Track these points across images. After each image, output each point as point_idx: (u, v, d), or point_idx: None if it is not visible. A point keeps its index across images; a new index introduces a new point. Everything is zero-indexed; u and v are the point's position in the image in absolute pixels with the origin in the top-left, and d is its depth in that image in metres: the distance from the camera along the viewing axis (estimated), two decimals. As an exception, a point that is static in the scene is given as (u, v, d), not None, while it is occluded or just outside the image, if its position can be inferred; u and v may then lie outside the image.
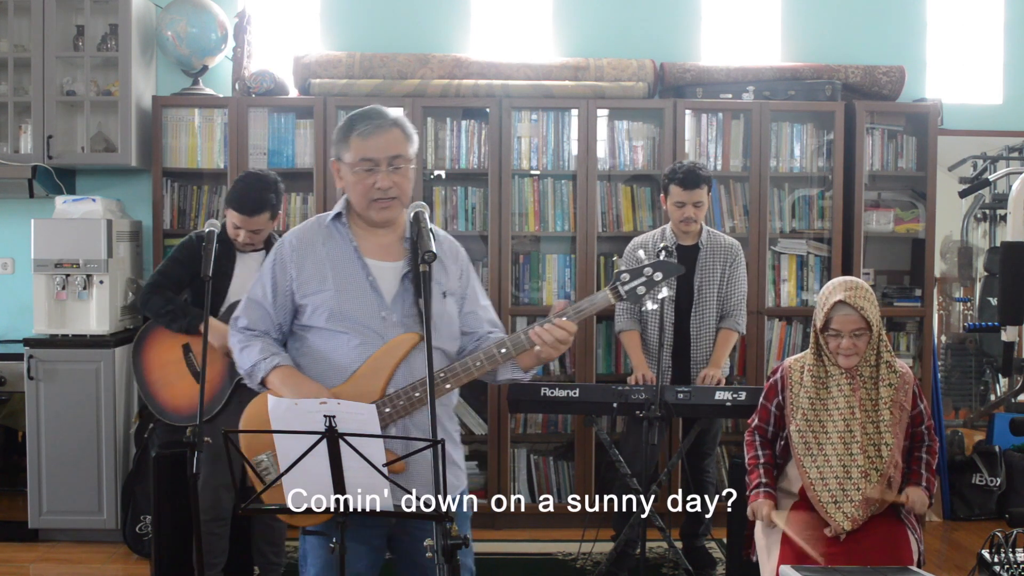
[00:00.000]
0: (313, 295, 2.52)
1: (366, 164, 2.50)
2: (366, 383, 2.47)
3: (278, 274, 2.56)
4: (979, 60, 5.69)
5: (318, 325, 2.51)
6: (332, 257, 2.54)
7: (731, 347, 4.37)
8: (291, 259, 2.56)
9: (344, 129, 2.55)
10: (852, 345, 3.25)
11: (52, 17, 5.01)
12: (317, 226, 2.60)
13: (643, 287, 2.54)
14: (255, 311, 2.59)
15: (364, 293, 2.51)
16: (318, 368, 2.51)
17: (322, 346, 2.52)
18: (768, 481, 3.39)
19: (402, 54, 5.17)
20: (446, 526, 2.17)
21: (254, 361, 2.53)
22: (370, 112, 2.55)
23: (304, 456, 2.21)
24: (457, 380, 2.52)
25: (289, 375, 2.50)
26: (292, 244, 2.58)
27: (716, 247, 4.36)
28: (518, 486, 5.19)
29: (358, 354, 2.49)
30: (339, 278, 2.52)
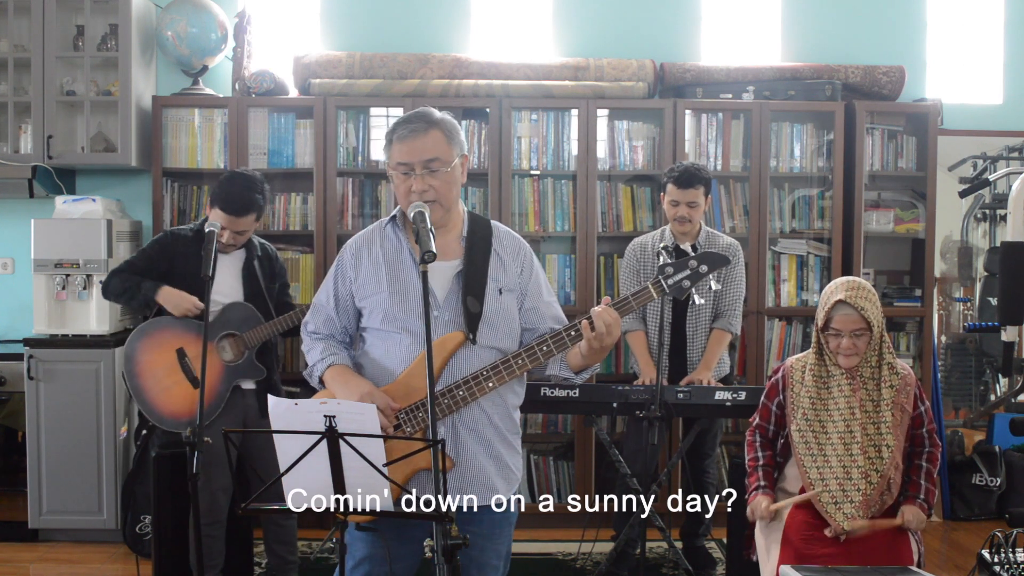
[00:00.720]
0: (369, 297, 2.59)
1: (403, 168, 2.54)
2: (414, 382, 2.52)
3: (339, 279, 2.65)
4: (979, 60, 5.69)
5: (374, 326, 2.59)
6: (387, 259, 2.61)
7: (723, 348, 4.37)
8: (350, 264, 2.64)
9: (389, 132, 2.60)
10: (852, 345, 3.25)
11: (52, 17, 5.01)
12: (376, 229, 2.67)
13: (688, 280, 2.52)
14: (319, 316, 2.68)
15: (416, 294, 2.55)
16: (374, 368, 2.59)
17: (378, 347, 2.59)
18: (767, 484, 3.39)
19: (402, 54, 5.17)
20: (446, 526, 2.17)
21: (314, 361, 2.64)
22: (412, 115, 2.58)
23: (304, 456, 2.21)
24: (500, 378, 2.53)
25: (340, 373, 2.58)
26: (352, 250, 2.65)
27: (714, 247, 4.36)
28: (518, 486, 5.18)
29: (408, 354, 2.54)
30: (393, 280, 2.58)
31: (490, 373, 2.53)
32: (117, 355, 4.86)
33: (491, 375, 2.53)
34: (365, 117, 5.17)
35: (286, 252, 5.13)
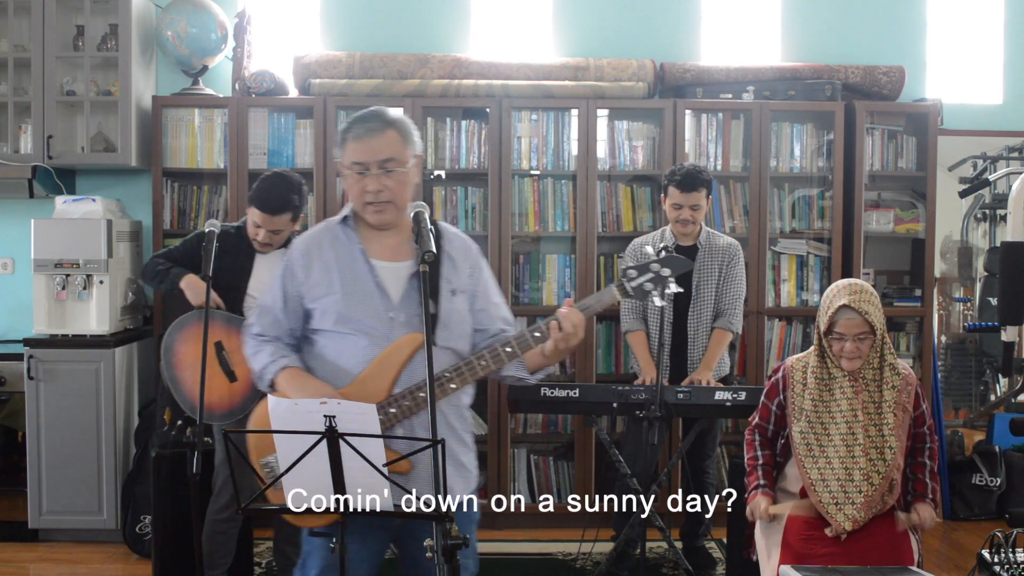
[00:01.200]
0: (320, 299, 2.54)
1: (357, 167, 2.52)
2: (372, 384, 2.48)
3: (287, 281, 2.59)
4: (979, 60, 5.69)
5: (326, 328, 2.53)
6: (339, 260, 2.56)
7: (724, 348, 4.37)
8: (299, 265, 2.58)
9: (342, 131, 2.57)
10: (855, 349, 3.25)
11: (52, 17, 5.01)
12: (325, 229, 2.63)
13: (650, 283, 2.57)
14: (266, 317, 2.62)
15: (370, 295, 2.52)
16: (327, 370, 2.53)
17: (331, 349, 2.54)
18: (766, 483, 3.39)
19: (402, 54, 5.17)
20: (446, 526, 2.17)
21: (264, 364, 2.56)
22: (367, 114, 2.56)
23: (304, 456, 2.21)
24: (462, 380, 2.53)
25: (295, 376, 2.52)
26: (300, 250, 2.61)
27: (714, 247, 4.36)
28: (518, 486, 5.19)
29: (365, 356, 2.50)
30: (346, 281, 2.53)
31: (453, 375, 2.52)
32: (117, 355, 4.86)
33: (454, 376, 2.52)
34: (365, 117, 5.16)
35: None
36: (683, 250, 4.35)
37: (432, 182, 5.19)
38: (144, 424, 4.87)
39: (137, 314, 5.21)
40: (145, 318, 5.27)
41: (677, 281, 4.28)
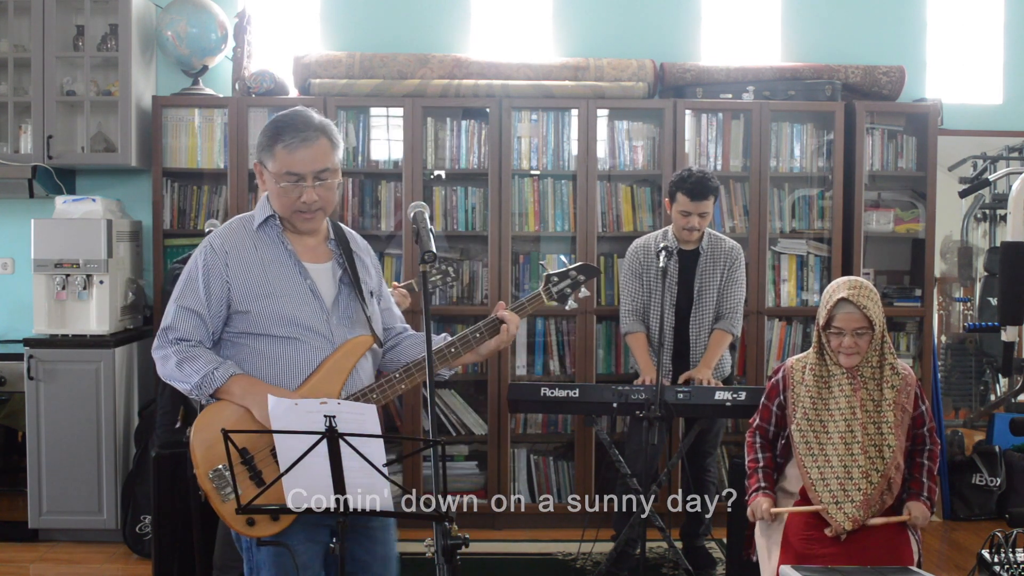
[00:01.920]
0: (256, 301, 2.48)
1: (292, 178, 2.47)
2: (323, 388, 2.48)
3: (212, 281, 2.49)
4: (979, 60, 5.69)
5: (264, 332, 2.49)
6: (269, 262, 2.52)
7: (723, 349, 4.37)
8: (224, 266, 2.50)
9: (270, 137, 2.50)
10: (854, 344, 3.25)
11: (52, 17, 5.01)
12: (244, 231, 2.55)
13: (569, 288, 2.85)
14: (189, 321, 2.49)
15: (306, 297, 2.52)
16: (267, 375, 2.49)
17: (271, 352, 2.49)
18: (767, 485, 3.39)
19: (402, 54, 5.17)
20: (446, 526, 2.17)
21: (204, 372, 2.45)
22: (296, 121, 2.50)
23: (304, 456, 2.21)
24: (411, 380, 2.59)
25: (252, 383, 2.47)
26: (223, 251, 2.51)
27: (716, 251, 4.36)
28: (518, 486, 5.19)
29: (308, 358, 2.50)
30: (281, 284, 2.50)
31: (403, 375, 2.56)
32: (117, 355, 4.86)
33: (403, 377, 2.56)
34: (365, 117, 5.17)
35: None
36: (685, 253, 4.35)
37: (432, 182, 5.19)
38: (144, 424, 4.87)
39: (137, 314, 5.21)
40: (145, 318, 5.27)
41: (680, 284, 4.32)
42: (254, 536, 2.40)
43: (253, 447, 2.41)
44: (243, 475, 2.39)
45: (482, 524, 5.03)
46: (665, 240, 4.31)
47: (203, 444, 2.41)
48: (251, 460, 2.41)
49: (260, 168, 2.54)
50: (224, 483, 2.38)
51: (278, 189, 2.49)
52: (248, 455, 2.41)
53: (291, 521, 2.42)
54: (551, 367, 5.22)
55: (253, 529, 2.39)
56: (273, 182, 2.50)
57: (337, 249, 2.61)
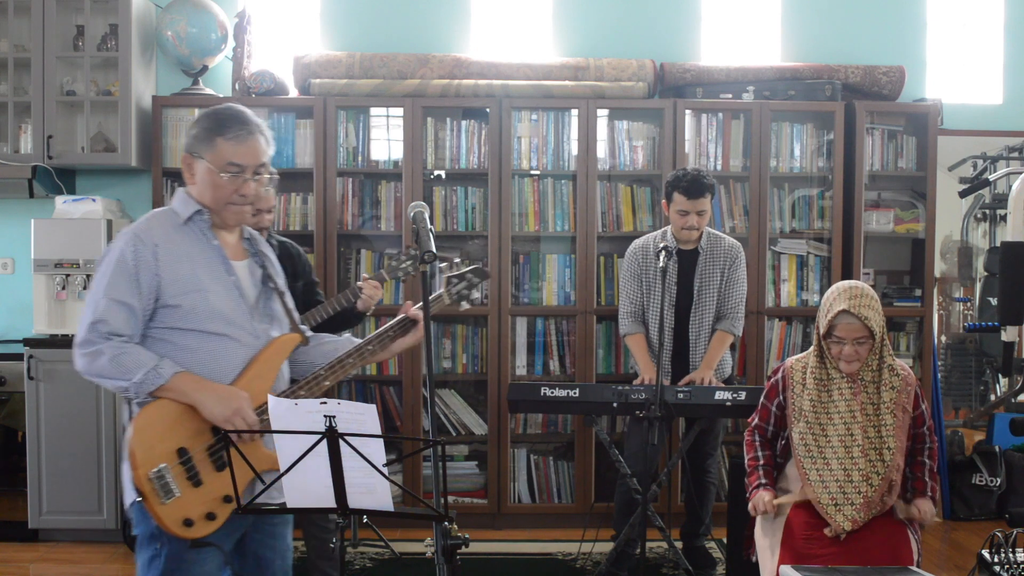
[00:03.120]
0: (186, 295, 2.43)
1: (234, 169, 2.47)
2: (256, 385, 2.48)
3: (142, 273, 2.41)
4: (979, 60, 5.70)
5: (194, 327, 2.44)
6: (197, 257, 2.48)
7: (724, 349, 4.37)
8: (154, 259, 2.42)
9: (210, 128, 2.49)
10: (854, 352, 3.25)
11: (52, 17, 5.01)
12: (170, 225, 2.50)
13: (466, 289, 2.94)
14: (121, 314, 2.40)
15: (234, 294, 2.51)
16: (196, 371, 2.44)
17: (201, 348, 2.45)
18: (767, 482, 3.39)
19: (402, 54, 5.17)
20: (446, 526, 2.17)
21: (147, 368, 2.37)
22: (237, 115, 2.51)
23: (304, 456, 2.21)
24: (335, 377, 2.62)
25: (199, 380, 2.41)
26: (152, 242, 2.44)
27: (716, 250, 4.36)
28: (518, 486, 5.19)
29: (239, 355, 2.49)
30: (210, 279, 2.48)
31: (327, 373, 2.59)
32: (117, 355, 4.85)
33: (328, 375, 2.59)
34: (365, 117, 5.17)
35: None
36: (685, 253, 4.35)
37: (432, 182, 5.19)
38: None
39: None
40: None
41: (680, 283, 4.32)
42: (190, 537, 2.36)
43: (192, 447, 2.39)
44: (182, 475, 2.37)
45: (482, 524, 5.03)
46: (664, 240, 4.31)
47: (143, 445, 2.35)
48: (190, 460, 2.39)
49: (191, 160, 2.51)
50: (164, 484, 2.34)
51: (217, 180, 2.47)
52: (186, 455, 2.38)
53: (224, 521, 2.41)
54: (551, 367, 5.22)
55: (191, 530, 2.36)
56: (211, 173, 2.47)
57: (252, 248, 2.62)
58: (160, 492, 2.34)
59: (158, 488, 2.34)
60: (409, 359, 5.03)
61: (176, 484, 2.35)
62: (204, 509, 2.38)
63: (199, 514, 2.37)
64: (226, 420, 2.38)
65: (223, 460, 2.40)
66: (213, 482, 2.41)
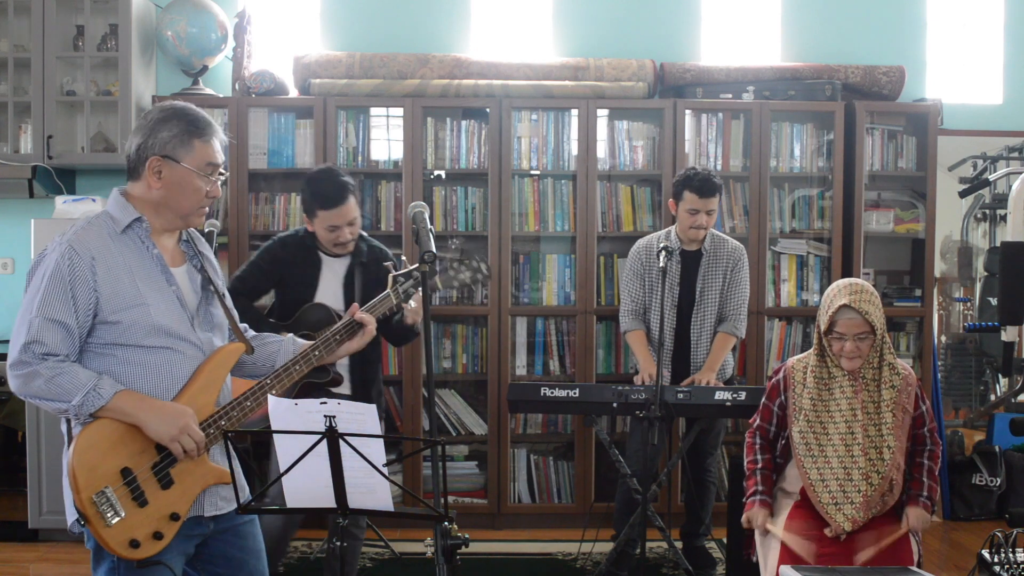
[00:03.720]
0: (127, 310, 2.34)
1: (211, 169, 2.43)
2: (202, 398, 2.42)
3: (79, 289, 2.30)
4: (979, 60, 5.69)
5: (135, 343, 2.36)
6: (137, 269, 2.38)
7: (727, 351, 4.37)
8: (91, 273, 2.31)
9: (184, 130, 2.41)
10: (855, 348, 3.25)
11: (52, 17, 5.01)
12: (104, 232, 2.38)
13: (412, 288, 2.92)
14: (56, 333, 2.29)
15: (175, 304, 2.42)
16: (141, 387, 2.36)
17: (145, 363, 2.37)
18: (764, 488, 3.38)
19: (402, 54, 5.17)
20: (446, 526, 2.17)
21: (86, 389, 2.27)
22: (203, 115, 2.46)
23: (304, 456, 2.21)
24: (282, 385, 2.56)
25: (141, 398, 2.34)
26: (88, 256, 2.32)
27: (720, 251, 4.36)
28: (518, 486, 5.19)
29: (184, 368, 2.41)
30: (150, 292, 2.38)
31: (273, 381, 2.54)
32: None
33: (274, 383, 2.53)
34: (365, 117, 5.17)
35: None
36: (688, 254, 4.35)
37: (432, 182, 5.19)
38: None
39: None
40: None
41: (682, 284, 4.32)
42: (137, 558, 2.29)
43: (135, 466, 2.31)
44: (126, 496, 2.28)
45: (482, 524, 5.03)
46: (667, 240, 4.31)
47: (85, 467, 2.25)
48: (134, 480, 2.30)
49: (162, 163, 2.40)
50: (108, 506, 2.25)
51: (197, 183, 2.41)
52: (130, 475, 2.30)
53: (172, 539, 2.34)
54: (551, 367, 5.22)
55: (138, 551, 2.28)
56: (189, 177, 2.40)
57: (190, 250, 2.53)
58: (104, 515, 2.25)
59: (102, 510, 2.25)
60: (409, 359, 5.03)
61: (120, 505, 2.27)
62: (150, 529, 2.30)
63: (145, 534, 2.29)
64: (172, 439, 2.31)
65: (169, 478, 2.34)
66: (159, 500, 2.33)
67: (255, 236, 5.09)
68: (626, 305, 4.45)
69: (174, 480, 2.35)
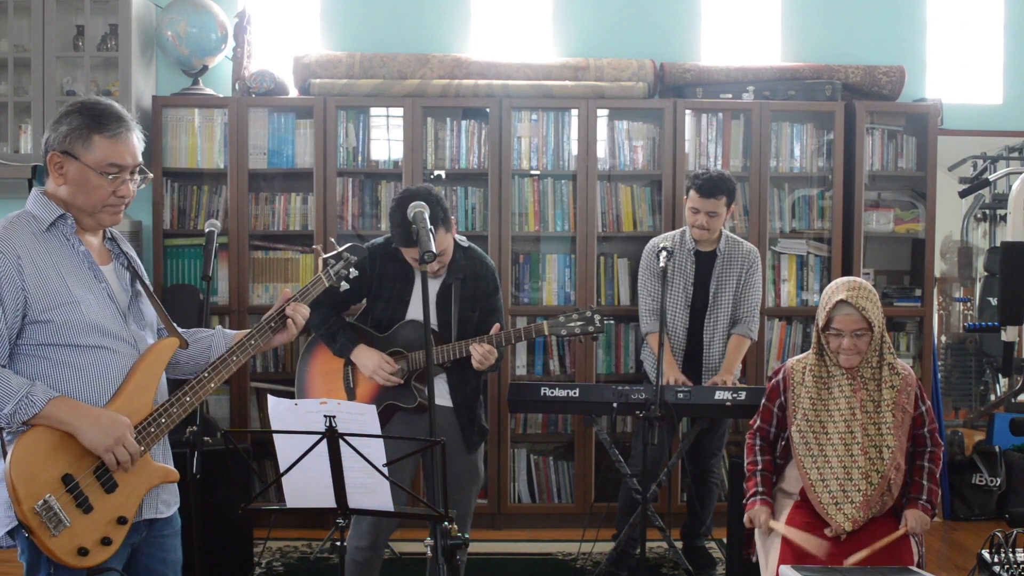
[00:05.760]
0: (56, 309, 2.27)
1: (114, 169, 2.33)
2: (139, 397, 2.37)
3: (6, 290, 2.24)
4: (979, 60, 5.69)
5: (68, 342, 2.29)
6: (65, 266, 2.32)
7: (743, 353, 4.38)
8: (17, 272, 2.25)
9: (85, 125, 2.32)
10: (853, 345, 3.25)
11: (52, 17, 5.00)
12: (29, 231, 2.32)
13: (344, 269, 2.81)
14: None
15: (106, 302, 2.37)
16: (75, 390, 2.30)
17: (79, 364, 2.31)
18: (765, 489, 3.39)
19: (402, 54, 5.17)
20: (446, 526, 2.17)
21: (16, 397, 2.20)
22: (112, 111, 2.36)
23: (304, 456, 2.21)
24: (220, 377, 2.49)
25: (75, 405, 2.27)
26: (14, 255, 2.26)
27: (734, 254, 4.36)
28: (518, 486, 5.19)
29: (119, 367, 2.36)
30: (80, 289, 2.32)
31: (212, 374, 2.47)
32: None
33: (212, 376, 2.47)
34: (365, 117, 5.17)
35: (286, 252, 5.14)
36: (702, 255, 4.35)
37: (432, 182, 5.19)
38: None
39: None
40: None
41: (696, 285, 4.32)
42: (87, 566, 2.24)
43: (76, 472, 2.25)
44: (70, 503, 2.22)
45: (482, 524, 5.03)
46: (684, 241, 4.33)
47: (24, 477, 2.18)
48: (76, 486, 2.25)
49: (62, 159, 2.32)
50: (52, 515, 2.19)
51: (96, 181, 2.32)
52: (72, 481, 2.24)
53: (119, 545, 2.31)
54: (551, 367, 5.22)
55: (86, 559, 2.24)
56: (87, 174, 2.32)
57: (115, 248, 2.49)
58: (49, 524, 2.19)
59: (46, 520, 2.18)
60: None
61: (65, 513, 2.21)
62: (98, 535, 2.26)
63: (93, 540, 2.24)
64: (106, 450, 2.25)
65: (112, 481, 2.29)
66: (104, 505, 2.28)
67: (255, 236, 5.10)
68: (646, 305, 4.42)
69: (118, 483, 2.30)
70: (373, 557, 3.47)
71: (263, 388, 5.01)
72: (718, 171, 4.32)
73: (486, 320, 3.53)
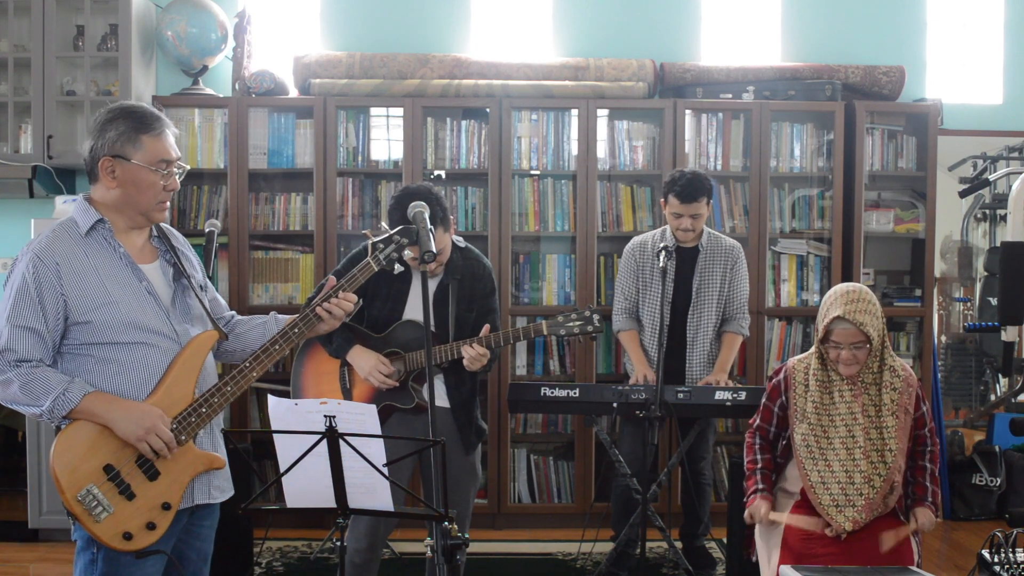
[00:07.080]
0: (95, 310, 2.38)
1: (163, 165, 2.48)
2: (178, 389, 2.45)
3: (47, 296, 2.36)
4: (979, 60, 5.70)
5: (109, 340, 2.40)
6: (103, 269, 2.42)
7: (735, 351, 4.37)
8: (56, 278, 2.37)
9: (132, 128, 2.47)
10: (852, 356, 3.24)
11: (52, 17, 5.01)
12: (69, 237, 2.44)
13: (395, 252, 2.72)
14: (28, 340, 2.36)
15: (146, 300, 2.46)
16: (123, 384, 2.41)
17: (121, 360, 2.41)
18: (765, 486, 3.38)
19: (402, 54, 5.17)
20: (446, 526, 2.17)
21: (55, 394, 2.33)
22: (150, 111, 2.54)
23: (304, 456, 2.21)
24: (262, 367, 2.55)
25: (109, 399, 2.38)
26: (53, 262, 2.38)
27: (716, 249, 4.35)
28: (518, 486, 5.19)
29: (159, 361, 2.44)
30: (118, 289, 2.42)
31: (253, 364, 2.54)
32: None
33: (254, 365, 2.54)
34: (365, 117, 5.17)
35: (286, 252, 5.14)
36: (684, 252, 4.34)
37: (432, 182, 5.19)
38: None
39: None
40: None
41: (677, 281, 4.31)
42: (132, 549, 2.36)
43: (118, 462, 2.36)
44: (112, 491, 2.34)
45: (482, 524, 5.03)
46: (664, 239, 4.30)
47: (66, 468, 2.32)
48: (118, 475, 2.36)
49: (114, 163, 2.44)
50: (95, 504, 2.32)
51: (149, 178, 2.46)
52: (114, 470, 2.36)
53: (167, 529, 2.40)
54: (551, 367, 5.22)
55: (131, 543, 2.36)
56: (140, 172, 2.45)
57: (162, 245, 2.57)
58: (92, 512, 2.33)
59: (89, 508, 2.33)
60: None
61: (108, 501, 2.34)
62: (142, 520, 2.37)
63: (138, 526, 2.36)
64: (138, 439, 2.34)
65: (154, 470, 2.39)
66: (147, 492, 2.38)
67: (255, 236, 5.10)
68: (619, 303, 4.44)
69: (160, 471, 2.39)
70: (371, 559, 3.46)
71: (263, 388, 5.00)
72: (692, 172, 4.24)
73: (483, 321, 3.51)
